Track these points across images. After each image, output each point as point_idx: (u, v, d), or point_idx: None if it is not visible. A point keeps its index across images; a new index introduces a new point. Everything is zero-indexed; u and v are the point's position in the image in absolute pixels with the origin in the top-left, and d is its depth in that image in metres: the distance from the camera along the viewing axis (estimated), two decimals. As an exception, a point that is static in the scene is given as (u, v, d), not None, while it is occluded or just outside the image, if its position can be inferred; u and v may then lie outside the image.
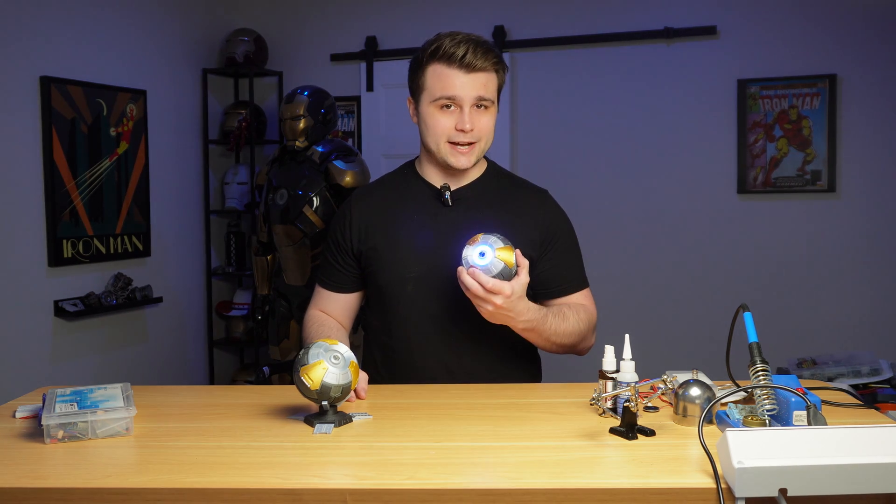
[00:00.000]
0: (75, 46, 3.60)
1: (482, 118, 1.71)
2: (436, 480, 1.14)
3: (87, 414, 1.35)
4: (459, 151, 1.72)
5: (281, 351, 3.85)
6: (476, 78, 1.68)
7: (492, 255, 1.52)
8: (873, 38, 3.78)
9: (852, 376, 2.82)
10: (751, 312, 1.38)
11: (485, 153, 1.79)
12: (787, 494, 1.05)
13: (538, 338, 1.68)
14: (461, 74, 1.67)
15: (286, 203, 3.65)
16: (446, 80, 1.68)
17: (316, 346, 1.42)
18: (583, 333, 1.75)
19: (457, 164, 1.73)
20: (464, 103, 1.68)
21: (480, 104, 1.70)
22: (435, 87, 1.69)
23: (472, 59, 1.66)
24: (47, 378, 3.42)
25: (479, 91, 1.68)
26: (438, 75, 1.69)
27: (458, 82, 1.67)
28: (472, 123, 1.69)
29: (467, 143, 1.71)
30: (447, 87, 1.68)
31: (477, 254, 1.52)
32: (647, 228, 4.10)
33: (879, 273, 3.85)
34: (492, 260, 1.51)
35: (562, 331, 1.69)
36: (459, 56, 1.66)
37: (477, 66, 1.67)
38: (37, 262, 3.44)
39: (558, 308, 1.71)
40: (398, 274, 1.76)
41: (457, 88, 1.68)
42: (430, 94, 1.70)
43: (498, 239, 1.53)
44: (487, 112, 1.72)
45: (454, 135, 1.70)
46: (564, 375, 1.77)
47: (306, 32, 4.53)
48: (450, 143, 1.71)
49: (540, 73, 4.20)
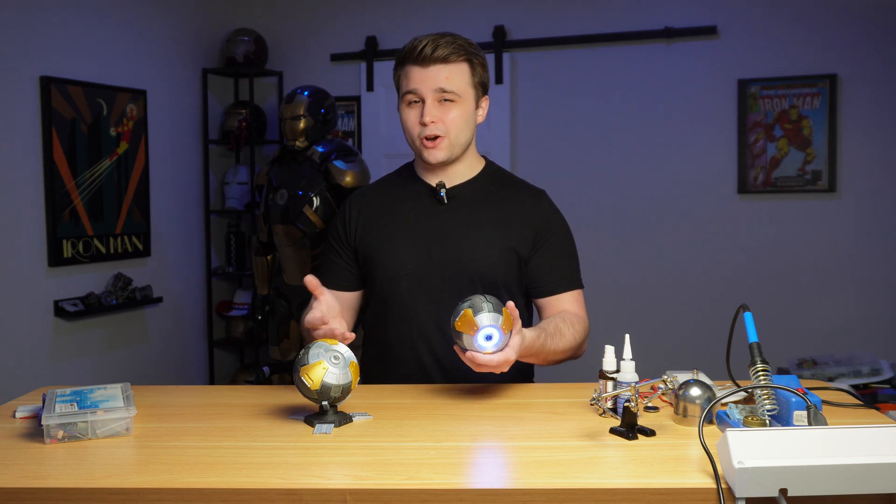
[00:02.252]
0: (75, 46, 3.60)
1: (448, 112, 1.73)
2: (436, 480, 1.14)
3: (87, 414, 1.35)
4: (427, 146, 1.74)
5: (281, 351, 3.85)
6: (435, 70, 1.71)
7: (499, 335, 1.45)
8: (873, 38, 3.78)
9: (853, 376, 2.82)
10: (751, 312, 1.38)
11: (463, 148, 1.78)
12: (787, 494, 1.05)
13: (537, 360, 1.69)
14: (419, 69, 1.72)
15: (286, 203, 3.65)
16: (409, 75, 1.74)
17: (316, 346, 1.42)
18: (578, 345, 1.76)
19: (428, 158, 1.75)
20: (425, 96, 1.72)
21: (444, 98, 1.72)
22: (403, 84, 1.76)
23: (428, 52, 1.70)
24: (47, 378, 3.42)
25: (438, 83, 1.71)
26: (405, 74, 1.75)
27: (418, 76, 1.72)
28: (432, 116, 1.71)
29: (433, 136, 1.73)
30: (410, 81, 1.73)
31: (483, 338, 1.45)
32: (648, 228, 4.10)
33: (880, 273, 3.85)
34: (500, 339, 1.45)
35: (560, 349, 1.70)
36: (417, 51, 1.71)
37: (434, 57, 1.70)
38: (37, 262, 3.44)
39: (554, 326, 1.70)
40: (393, 271, 1.77)
41: (416, 82, 1.72)
42: (401, 92, 1.77)
43: (492, 311, 1.44)
44: (455, 105, 1.73)
45: (420, 129, 1.73)
46: (564, 375, 1.77)
47: (306, 32, 4.53)
48: (421, 139, 1.74)
49: (540, 73, 4.20)
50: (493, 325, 1.44)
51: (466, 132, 1.76)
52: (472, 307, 1.45)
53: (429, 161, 1.75)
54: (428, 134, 1.72)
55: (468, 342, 1.46)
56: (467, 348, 1.47)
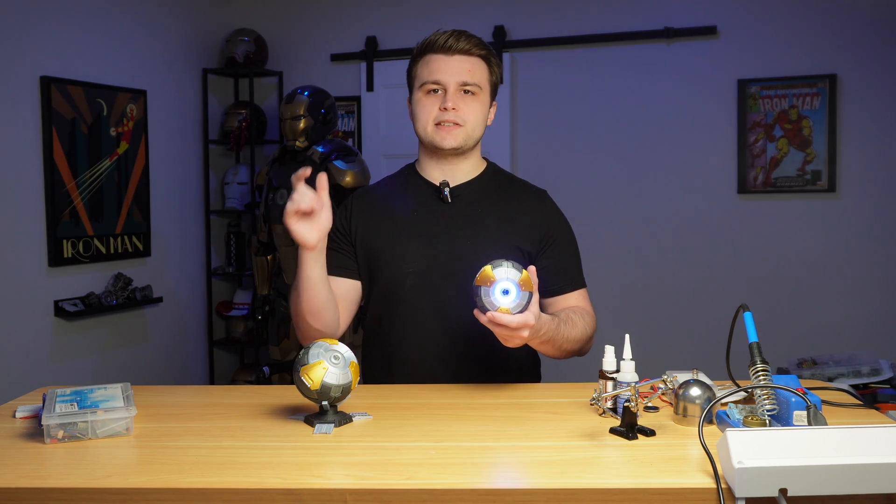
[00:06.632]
0: (75, 46, 3.60)
1: (469, 104, 1.75)
2: (436, 480, 1.14)
3: (87, 414, 1.35)
4: (444, 130, 1.74)
5: (281, 351, 3.85)
6: (459, 61, 1.73)
7: (516, 290, 1.45)
8: (873, 38, 3.78)
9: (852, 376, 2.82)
10: (751, 312, 1.38)
11: (475, 142, 1.79)
12: (787, 494, 1.05)
13: (551, 348, 1.67)
14: (444, 58, 1.74)
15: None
16: (432, 65, 1.75)
17: (316, 346, 1.42)
18: (589, 337, 1.77)
19: (442, 144, 1.75)
20: (448, 86, 1.73)
21: (466, 90, 1.74)
22: (422, 74, 1.76)
23: (452, 43, 1.73)
24: (47, 378, 3.42)
25: (462, 76, 1.73)
26: (426, 63, 1.76)
27: (442, 66, 1.74)
28: (455, 104, 1.73)
29: (452, 122, 1.74)
30: (432, 71, 1.74)
31: (500, 292, 1.45)
32: (648, 228, 4.10)
33: (879, 273, 3.85)
34: (518, 294, 1.45)
35: (572, 337, 1.69)
36: (441, 42, 1.74)
37: (458, 48, 1.73)
38: (37, 262, 3.44)
39: (566, 314, 1.71)
40: (397, 270, 1.77)
41: (440, 72, 1.73)
42: (419, 81, 1.77)
43: (511, 267, 1.45)
44: (475, 98, 1.76)
45: (438, 115, 1.74)
46: (564, 375, 1.77)
47: (306, 32, 4.53)
48: (435, 125, 1.75)
49: (540, 73, 4.20)
50: (511, 279, 1.45)
51: (481, 127, 1.79)
52: (491, 264, 1.46)
53: (441, 146, 1.75)
54: (446, 119, 1.73)
55: (485, 296, 1.45)
56: (485, 305, 1.46)
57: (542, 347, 1.66)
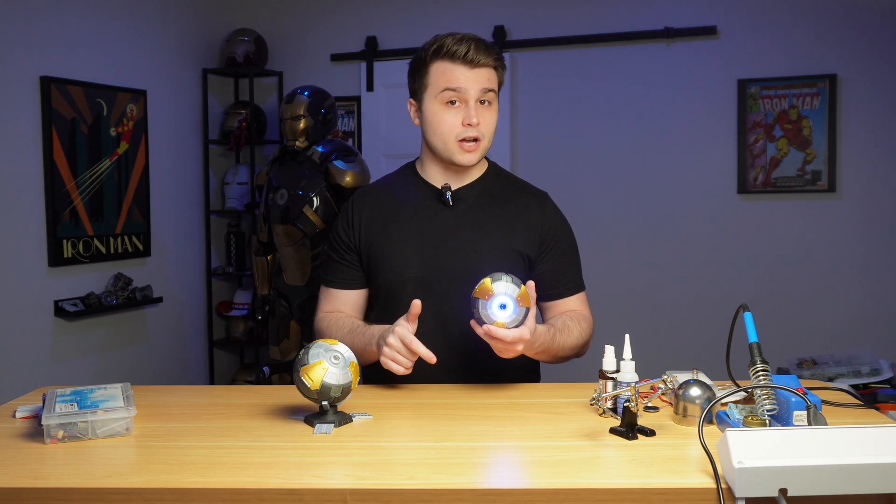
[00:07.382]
0: (75, 46, 3.60)
1: (486, 114, 1.73)
2: (436, 480, 1.14)
3: (87, 414, 1.35)
4: (467, 149, 1.73)
5: (281, 351, 3.85)
6: (480, 73, 1.71)
7: (513, 305, 1.46)
8: (873, 38, 3.78)
9: (852, 376, 2.82)
10: (751, 312, 1.38)
11: (486, 152, 1.80)
12: (787, 494, 1.05)
13: (547, 357, 1.70)
14: (466, 69, 1.70)
15: (286, 203, 3.65)
16: (451, 74, 1.70)
17: (316, 345, 1.42)
18: (585, 342, 1.78)
19: (463, 162, 1.74)
20: (469, 97, 1.70)
21: (484, 99, 1.72)
22: (440, 81, 1.71)
23: (475, 55, 1.69)
24: (47, 378, 3.42)
25: (483, 84, 1.71)
26: (443, 71, 1.71)
27: (463, 76, 1.70)
28: (478, 117, 1.70)
29: (474, 138, 1.72)
30: (452, 80, 1.70)
31: (497, 307, 1.46)
32: (648, 228, 4.10)
33: (879, 273, 3.85)
34: (515, 310, 1.47)
35: (568, 345, 1.71)
36: (463, 53, 1.69)
37: (480, 61, 1.70)
38: (37, 262, 3.44)
39: (562, 322, 1.72)
40: (398, 273, 1.76)
41: (462, 81, 1.70)
42: (436, 89, 1.72)
43: (510, 282, 1.46)
44: (491, 108, 1.74)
45: (462, 131, 1.71)
46: (564, 375, 1.77)
47: (306, 32, 4.53)
48: (458, 141, 1.72)
49: (540, 73, 4.20)
50: (509, 294, 1.46)
51: (493, 136, 1.78)
52: (491, 277, 1.47)
53: (462, 164, 1.74)
54: (469, 136, 1.71)
55: (482, 308, 1.47)
56: (482, 317, 1.48)
57: (538, 356, 1.69)
